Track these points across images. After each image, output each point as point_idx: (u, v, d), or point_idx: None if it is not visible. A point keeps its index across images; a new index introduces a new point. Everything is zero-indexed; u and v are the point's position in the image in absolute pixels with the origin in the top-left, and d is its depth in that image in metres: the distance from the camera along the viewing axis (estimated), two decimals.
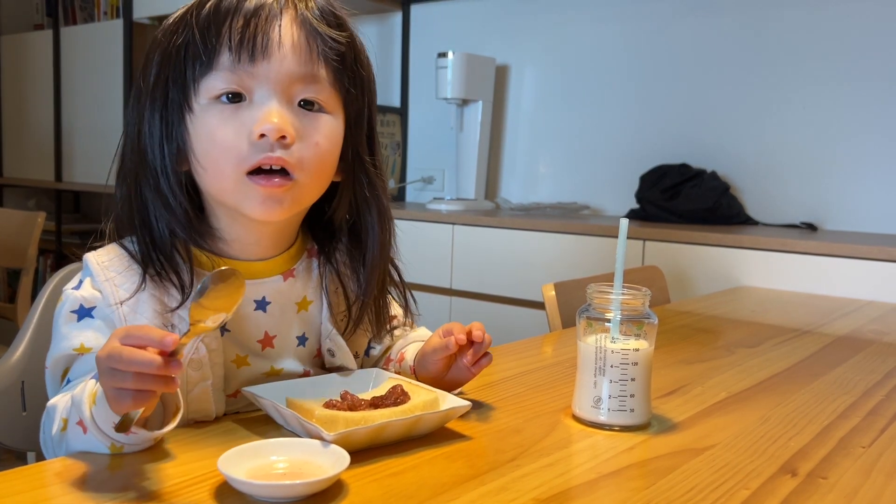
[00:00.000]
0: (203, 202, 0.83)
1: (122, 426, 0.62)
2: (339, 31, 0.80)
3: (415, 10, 3.05)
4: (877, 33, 2.16)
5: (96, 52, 3.41)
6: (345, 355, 0.87)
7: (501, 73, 2.85)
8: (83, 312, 0.78)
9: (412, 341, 0.94)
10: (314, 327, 0.87)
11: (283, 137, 0.75)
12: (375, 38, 3.12)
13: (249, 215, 0.78)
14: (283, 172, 0.76)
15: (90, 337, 0.77)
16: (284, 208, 0.78)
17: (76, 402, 0.69)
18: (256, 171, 0.76)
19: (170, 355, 0.61)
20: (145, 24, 3.31)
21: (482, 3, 2.89)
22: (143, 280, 0.78)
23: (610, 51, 2.62)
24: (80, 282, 0.80)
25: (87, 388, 0.68)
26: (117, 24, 3.28)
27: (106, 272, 0.79)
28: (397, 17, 3.07)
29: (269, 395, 0.74)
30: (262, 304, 0.83)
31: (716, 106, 2.43)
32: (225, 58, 0.76)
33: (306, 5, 0.79)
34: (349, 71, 0.81)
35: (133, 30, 3.21)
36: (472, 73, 2.63)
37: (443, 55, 2.59)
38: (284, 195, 0.77)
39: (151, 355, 0.60)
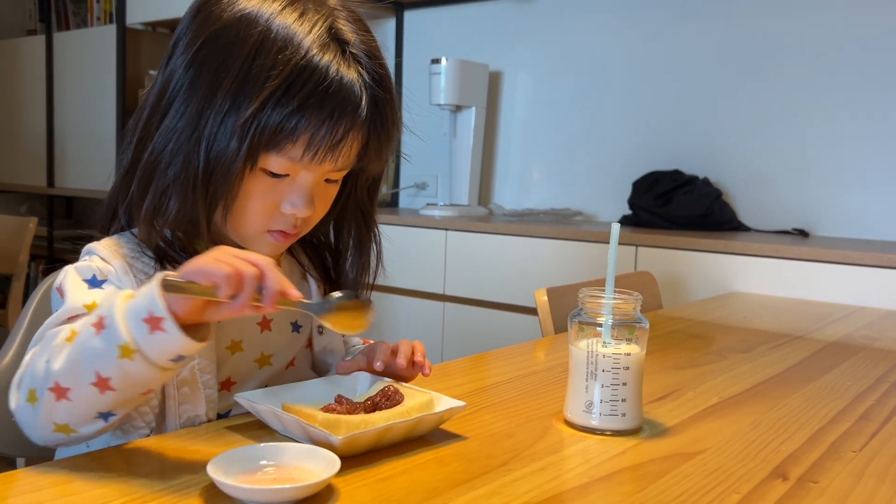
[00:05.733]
0: None
1: (172, 288, 0.62)
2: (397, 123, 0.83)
3: (408, 16, 3.06)
4: (867, 41, 2.17)
5: (89, 57, 3.40)
6: (332, 332, 0.92)
7: (495, 80, 2.85)
8: (95, 282, 0.77)
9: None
10: (306, 315, 0.90)
11: None
12: None
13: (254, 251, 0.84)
14: None
15: (101, 296, 0.75)
16: (284, 249, 0.86)
17: (101, 304, 0.67)
18: None
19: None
20: (138, 29, 3.30)
21: (476, 10, 2.90)
22: (163, 267, 0.79)
23: (603, 58, 2.63)
24: (89, 256, 0.79)
25: (119, 292, 0.67)
26: (110, 30, 3.27)
27: (117, 252, 0.79)
28: (391, 23, 3.07)
29: (262, 401, 0.74)
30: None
31: (708, 112, 2.44)
32: (296, 151, 0.75)
33: (380, 108, 0.79)
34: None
35: (126, 35, 3.20)
36: (466, 79, 2.63)
37: (436, 61, 2.60)
38: (289, 243, 0.84)
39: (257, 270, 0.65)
